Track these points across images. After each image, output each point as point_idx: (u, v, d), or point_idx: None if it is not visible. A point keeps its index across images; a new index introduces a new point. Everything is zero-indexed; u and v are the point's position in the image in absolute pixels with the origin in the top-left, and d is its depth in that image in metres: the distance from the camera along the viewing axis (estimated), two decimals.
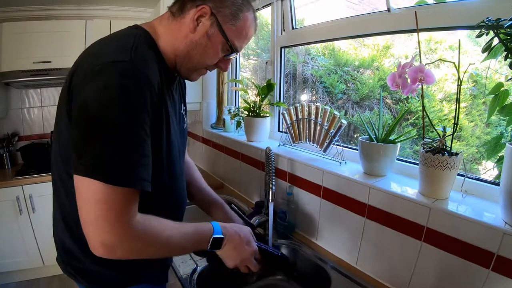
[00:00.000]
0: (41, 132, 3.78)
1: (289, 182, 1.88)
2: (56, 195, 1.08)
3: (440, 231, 1.15)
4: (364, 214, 1.43)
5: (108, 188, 0.79)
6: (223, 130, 2.83)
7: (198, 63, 1.07)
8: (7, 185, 3.00)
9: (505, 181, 0.99)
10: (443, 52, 1.92)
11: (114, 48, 0.90)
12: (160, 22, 1.06)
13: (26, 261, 3.22)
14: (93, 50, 0.95)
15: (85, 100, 0.81)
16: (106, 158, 0.79)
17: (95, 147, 0.79)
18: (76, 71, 0.89)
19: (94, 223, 0.81)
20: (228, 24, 1.01)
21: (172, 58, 1.05)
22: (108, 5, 3.61)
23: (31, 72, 3.18)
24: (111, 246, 0.82)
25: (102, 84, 0.80)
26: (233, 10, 1.01)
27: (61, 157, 0.99)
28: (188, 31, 1.01)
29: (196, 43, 1.02)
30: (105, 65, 0.82)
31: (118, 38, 0.97)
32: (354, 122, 2.33)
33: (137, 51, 0.88)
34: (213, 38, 1.01)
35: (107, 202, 0.79)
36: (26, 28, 3.18)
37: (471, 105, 1.81)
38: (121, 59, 0.84)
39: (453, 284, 1.14)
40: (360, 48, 2.52)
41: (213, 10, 0.99)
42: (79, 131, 0.82)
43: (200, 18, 0.99)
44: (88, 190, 0.79)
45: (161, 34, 1.04)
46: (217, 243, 1.08)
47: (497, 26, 0.94)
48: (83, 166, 0.79)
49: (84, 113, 0.81)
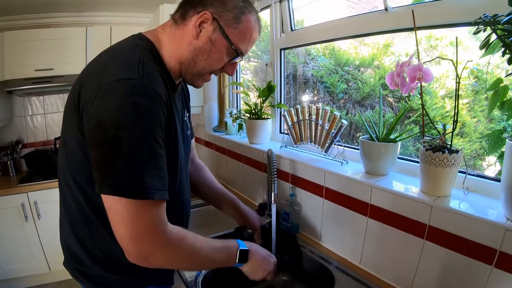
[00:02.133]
0: (45, 139, 3.81)
1: (291, 183, 1.89)
2: (63, 201, 1.09)
3: (442, 229, 1.15)
4: (367, 213, 1.43)
5: (135, 203, 0.84)
6: (225, 133, 2.83)
7: (203, 69, 1.07)
8: (12, 192, 3.02)
9: (505, 177, 0.99)
10: (443, 48, 1.91)
11: (121, 64, 0.90)
12: (163, 30, 1.07)
13: (32, 267, 3.24)
14: (99, 65, 0.95)
15: (100, 119, 0.82)
16: (128, 176, 0.83)
17: (117, 167, 0.82)
18: (84, 86, 0.91)
19: (129, 238, 0.86)
20: (231, 28, 1.01)
21: (177, 66, 1.06)
22: (108, 12, 3.64)
23: (33, 80, 3.21)
24: (146, 256, 0.89)
25: (115, 102, 0.82)
26: (234, 14, 1.01)
27: (68, 164, 1.01)
28: (191, 38, 1.01)
29: (200, 49, 1.02)
30: (115, 83, 0.84)
31: (124, 51, 0.98)
32: (356, 122, 2.32)
33: (144, 67, 0.90)
34: (216, 43, 1.02)
35: (136, 216, 0.85)
36: (28, 36, 3.21)
37: (473, 101, 1.80)
38: (130, 76, 0.85)
39: (456, 281, 1.13)
40: (360, 47, 2.52)
41: (215, 15, 0.99)
42: (98, 151, 0.85)
43: (202, 24, 1.00)
44: (117, 208, 0.84)
45: (164, 43, 1.05)
46: (244, 256, 1.13)
47: (494, 22, 0.93)
48: (108, 186, 0.83)
49: (100, 133, 0.83)
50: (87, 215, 1.02)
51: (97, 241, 1.05)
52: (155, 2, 2.81)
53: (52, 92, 3.66)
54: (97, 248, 1.05)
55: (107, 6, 3.45)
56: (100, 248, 1.05)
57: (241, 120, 2.58)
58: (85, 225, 1.04)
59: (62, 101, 3.84)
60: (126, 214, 0.84)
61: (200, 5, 1.00)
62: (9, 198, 3.01)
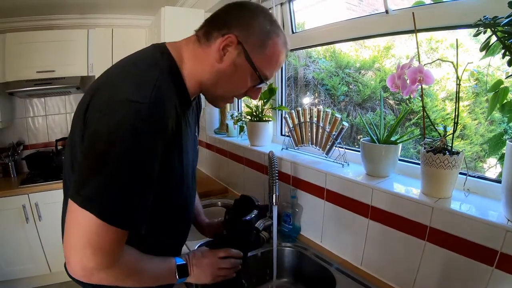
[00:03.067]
0: (46, 141, 3.80)
1: (292, 185, 1.89)
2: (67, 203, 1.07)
3: (443, 230, 1.15)
4: (368, 215, 1.43)
5: (100, 223, 0.79)
6: (226, 135, 2.84)
7: (225, 92, 1.05)
8: (13, 194, 3.02)
9: (506, 179, 1.00)
10: (444, 51, 1.92)
11: (134, 84, 0.86)
12: (187, 46, 1.02)
13: (33, 268, 3.23)
14: (113, 78, 0.92)
15: (97, 132, 0.81)
16: (104, 195, 0.79)
17: (96, 181, 0.79)
18: (95, 96, 0.88)
19: (79, 249, 0.81)
20: (256, 53, 0.96)
21: (196, 86, 1.03)
22: (110, 14, 3.64)
23: (34, 82, 3.21)
24: (89, 272, 0.83)
25: (116, 120, 0.79)
26: (261, 38, 0.96)
27: (73, 169, 0.99)
28: (214, 61, 0.97)
29: (223, 73, 0.98)
30: (122, 103, 0.81)
31: (141, 68, 0.93)
32: (357, 124, 2.33)
33: (157, 92, 0.85)
34: (240, 68, 0.97)
35: (96, 234, 0.80)
36: (29, 38, 3.21)
37: (474, 103, 1.81)
38: (139, 100, 0.82)
39: (457, 282, 1.14)
40: (361, 50, 2.52)
41: (240, 39, 0.94)
42: (85, 160, 0.82)
43: (226, 47, 0.95)
44: (80, 218, 0.79)
45: (186, 60, 1.01)
46: (184, 270, 1.09)
47: (494, 24, 0.94)
48: (81, 196, 0.79)
49: (93, 145, 0.81)
50: None
51: None
52: (157, 5, 2.82)
53: (54, 94, 3.66)
54: None
55: (109, 8, 3.46)
56: None
57: (242, 123, 2.58)
58: None
59: (63, 103, 3.85)
60: (86, 228, 0.79)
61: (225, 27, 0.95)
62: (10, 200, 3.01)
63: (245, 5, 0.99)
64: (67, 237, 0.83)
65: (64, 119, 3.86)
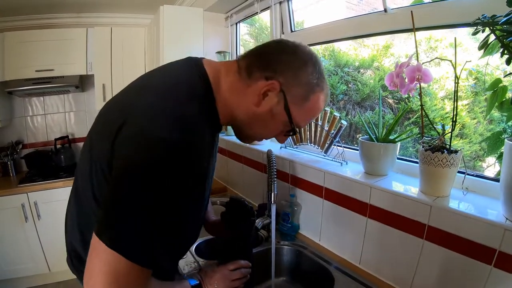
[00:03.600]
0: (45, 140, 3.80)
1: (291, 184, 1.89)
2: (77, 203, 1.05)
3: (442, 229, 1.15)
4: (366, 213, 1.43)
5: (129, 264, 0.75)
6: (225, 134, 2.83)
7: (255, 134, 1.02)
8: (12, 193, 3.02)
9: (504, 177, 1.00)
10: (443, 50, 1.92)
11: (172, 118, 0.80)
12: (227, 74, 0.96)
13: (32, 267, 3.23)
14: (147, 106, 0.84)
15: (127, 169, 0.77)
16: (134, 236, 0.75)
17: (126, 221, 0.75)
18: (125, 124, 0.82)
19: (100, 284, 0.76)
20: (296, 105, 0.92)
21: (227, 118, 0.98)
22: (109, 13, 3.64)
23: (33, 81, 3.22)
24: None
25: (152, 160, 0.75)
26: (304, 91, 0.92)
27: (91, 180, 0.94)
28: (251, 103, 0.92)
29: (258, 117, 0.94)
30: (159, 140, 0.76)
31: (179, 98, 0.86)
32: (356, 123, 2.33)
33: (195, 128, 0.82)
34: (277, 116, 0.93)
35: (123, 274, 0.75)
36: (28, 37, 3.22)
37: (472, 102, 1.81)
38: (176, 139, 0.77)
39: (455, 281, 1.14)
40: (360, 49, 2.53)
41: (283, 87, 0.90)
42: (114, 196, 0.78)
43: (267, 92, 0.90)
44: (106, 256, 0.75)
45: (223, 90, 0.95)
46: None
47: (492, 23, 0.94)
48: (108, 236, 0.75)
49: (123, 183, 0.77)
50: None
51: None
52: (156, 4, 2.81)
53: (53, 93, 3.66)
54: None
55: (108, 7, 3.46)
56: None
57: None
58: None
59: (62, 102, 3.84)
60: (113, 267, 0.74)
61: (270, 69, 0.90)
62: (9, 199, 3.01)
63: (297, 52, 0.93)
64: (91, 269, 0.77)
65: (63, 118, 3.86)
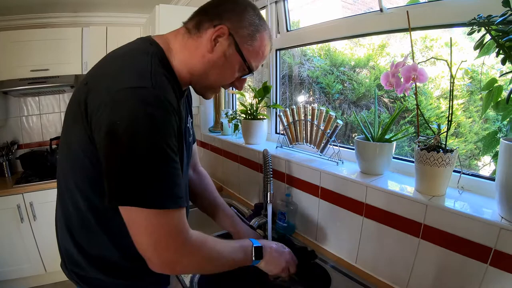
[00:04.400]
0: (40, 140, 3.79)
1: (287, 183, 1.89)
2: (61, 204, 1.08)
3: (438, 228, 1.15)
4: (362, 213, 1.43)
5: (156, 213, 0.83)
6: (221, 134, 2.84)
7: (214, 82, 1.08)
8: (8, 193, 3.01)
9: (500, 176, 1.00)
10: (439, 49, 1.92)
11: (133, 71, 0.88)
12: (175, 38, 1.05)
13: (28, 268, 3.22)
14: (109, 70, 0.93)
15: (113, 128, 0.80)
16: (148, 186, 0.82)
17: (135, 178, 0.80)
18: (91, 92, 0.88)
19: (153, 247, 0.85)
20: (246, 45, 1.01)
21: (187, 76, 1.05)
22: (104, 12, 3.64)
23: (28, 80, 3.20)
24: (172, 264, 0.89)
25: (128, 111, 0.80)
26: (250, 31, 1.01)
27: (71, 169, 0.99)
28: (205, 51, 1.00)
29: (214, 63, 1.02)
30: (127, 91, 0.82)
31: (134, 57, 0.95)
32: (352, 122, 2.33)
33: (156, 76, 0.88)
34: (230, 58, 1.01)
35: (159, 225, 0.84)
36: (23, 36, 3.20)
37: (468, 101, 1.81)
38: (143, 85, 0.84)
39: (452, 279, 1.14)
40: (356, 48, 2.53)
41: (231, 30, 0.98)
42: (113, 161, 0.82)
43: (217, 38, 0.99)
44: (138, 218, 0.83)
45: (175, 51, 1.03)
46: (259, 253, 1.14)
47: (488, 22, 0.94)
48: (128, 197, 0.81)
49: (115, 143, 0.81)
50: (87, 220, 1.00)
51: (95, 245, 1.03)
52: (151, 3, 2.81)
53: (48, 93, 3.65)
54: (95, 253, 1.04)
55: (103, 6, 3.45)
56: (98, 252, 1.04)
57: (237, 121, 2.57)
58: (84, 230, 1.02)
59: (57, 102, 3.83)
60: (148, 224, 0.83)
61: (217, 18, 0.99)
62: (4, 199, 2.99)
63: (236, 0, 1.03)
64: (138, 243, 0.87)
65: (58, 118, 3.85)
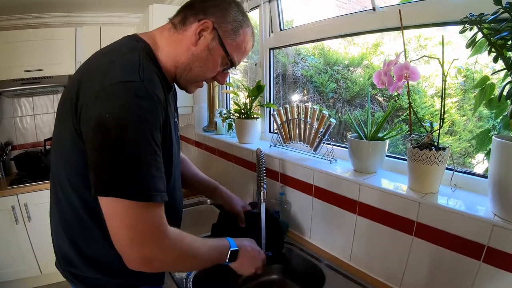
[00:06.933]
0: (34, 141, 3.78)
1: (281, 182, 1.89)
2: (55, 202, 1.08)
3: (430, 225, 1.16)
4: (356, 211, 1.44)
5: (137, 205, 0.83)
6: (215, 133, 2.83)
7: (197, 76, 1.10)
8: (2, 195, 3.00)
9: (492, 174, 1.00)
10: (433, 48, 1.92)
11: (123, 66, 0.90)
12: (161, 33, 1.08)
13: (23, 270, 3.21)
14: (99, 66, 0.94)
15: (101, 120, 0.81)
16: (131, 177, 0.82)
17: (119, 168, 0.81)
18: (82, 87, 0.90)
19: (131, 241, 0.85)
20: (229, 39, 1.05)
21: (172, 70, 1.08)
22: (98, 12, 3.62)
23: (22, 81, 3.19)
24: (149, 259, 0.88)
25: (118, 104, 0.82)
26: (234, 26, 1.05)
27: (63, 166, 1.00)
28: (190, 44, 1.04)
29: (198, 56, 1.05)
30: (118, 85, 0.84)
31: (123, 53, 0.97)
32: (345, 121, 2.33)
33: (144, 71, 0.90)
34: (214, 52, 1.05)
35: (138, 218, 0.84)
36: (16, 37, 3.19)
37: (462, 100, 1.82)
38: (133, 79, 0.86)
39: (445, 276, 1.14)
40: (350, 47, 2.53)
41: (215, 24, 1.02)
42: (98, 152, 0.83)
43: (202, 32, 1.03)
44: (117, 210, 0.83)
45: (161, 46, 1.06)
46: (233, 255, 1.14)
47: (480, 21, 0.94)
48: (109, 187, 0.81)
49: (101, 134, 0.82)
50: (81, 217, 1.00)
51: (90, 244, 1.04)
52: (145, 3, 2.80)
53: (42, 93, 3.64)
54: (90, 251, 1.04)
55: (96, 6, 3.43)
56: (93, 251, 1.04)
57: (231, 120, 2.57)
58: (79, 227, 1.02)
59: (51, 102, 3.82)
60: (127, 216, 0.82)
61: (202, 13, 1.03)
62: None
63: None
64: (115, 236, 0.86)
65: (52, 118, 3.83)
